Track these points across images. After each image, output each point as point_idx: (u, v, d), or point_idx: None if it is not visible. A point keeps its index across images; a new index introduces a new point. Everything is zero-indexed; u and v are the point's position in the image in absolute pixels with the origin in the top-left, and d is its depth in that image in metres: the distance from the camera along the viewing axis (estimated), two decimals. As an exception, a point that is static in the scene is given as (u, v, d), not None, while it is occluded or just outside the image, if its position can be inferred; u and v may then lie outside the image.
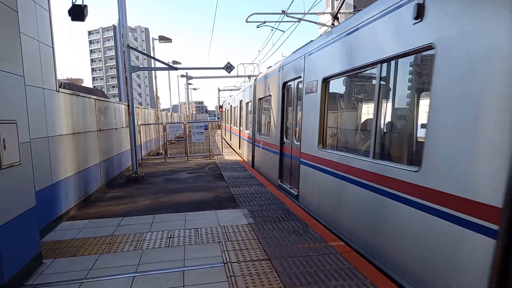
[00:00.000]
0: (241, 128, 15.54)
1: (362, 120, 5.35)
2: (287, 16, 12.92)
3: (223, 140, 21.63)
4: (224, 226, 5.52)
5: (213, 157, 15.02)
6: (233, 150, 18.22)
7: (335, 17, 8.74)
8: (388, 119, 4.53)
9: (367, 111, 5.05)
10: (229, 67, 11.82)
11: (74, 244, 4.94)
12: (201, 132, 14.44)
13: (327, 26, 13.18)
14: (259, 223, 5.62)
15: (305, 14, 12.68)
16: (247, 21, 14.94)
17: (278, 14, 13.98)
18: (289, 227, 5.37)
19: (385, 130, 4.50)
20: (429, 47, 3.32)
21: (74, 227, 5.74)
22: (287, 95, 8.18)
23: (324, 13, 13.75)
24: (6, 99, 3.61)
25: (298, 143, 7.09)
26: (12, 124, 3.67)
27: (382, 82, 4.30)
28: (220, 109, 37.77)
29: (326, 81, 5.86)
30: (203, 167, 12.28)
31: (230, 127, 21.18)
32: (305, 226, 5.42)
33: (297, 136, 7.33)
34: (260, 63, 60.58)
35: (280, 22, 14.04)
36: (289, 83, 7.93)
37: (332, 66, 5.54)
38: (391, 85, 4.31)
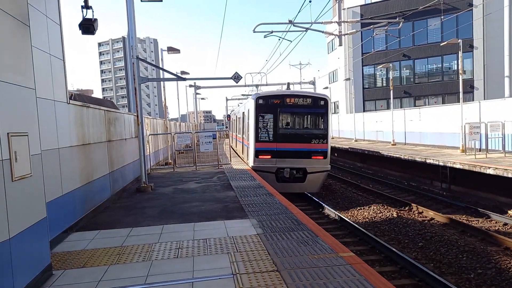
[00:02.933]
0: (243, 136, 16.43)
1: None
2: (294, 25, 13.01)
3: (231, 149, 21.71)
4: (233, 237, 5.50)
5: (221, 166, 15.03)
6: (240, 157, 18.26)
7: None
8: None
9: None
10: (236, 77, 11.89)
11: (83, 255, 4.96)
12: (209, 142, 14.49)
13: (334, 35, 13.21)
14: (268, 234, 5.58)
15: (312, 23, 12.76)
16: (254, 31, 15.08)
17: (285, 24, 14.10)
18: (298, 238, 5.32)
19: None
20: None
21: (84, 237, 5.76)
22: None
23: (331, 22, 13.79)
24: (18, 111, 3.67)
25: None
26: (24, 136, 3.73)
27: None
28: (228, 119, 37.98)
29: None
30: (211, 176, 12.30)
31: (236, 135, 22.83)
32: (314, 236, 5.37)
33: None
34: (268, 72, 60.95)
35: (287, 31, 14.14)
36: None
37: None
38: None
